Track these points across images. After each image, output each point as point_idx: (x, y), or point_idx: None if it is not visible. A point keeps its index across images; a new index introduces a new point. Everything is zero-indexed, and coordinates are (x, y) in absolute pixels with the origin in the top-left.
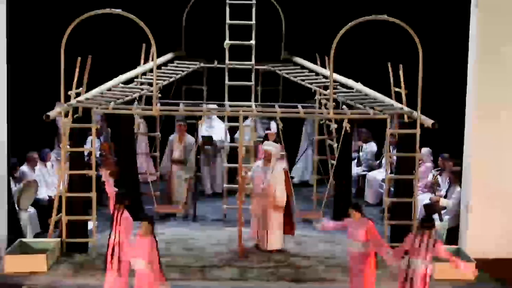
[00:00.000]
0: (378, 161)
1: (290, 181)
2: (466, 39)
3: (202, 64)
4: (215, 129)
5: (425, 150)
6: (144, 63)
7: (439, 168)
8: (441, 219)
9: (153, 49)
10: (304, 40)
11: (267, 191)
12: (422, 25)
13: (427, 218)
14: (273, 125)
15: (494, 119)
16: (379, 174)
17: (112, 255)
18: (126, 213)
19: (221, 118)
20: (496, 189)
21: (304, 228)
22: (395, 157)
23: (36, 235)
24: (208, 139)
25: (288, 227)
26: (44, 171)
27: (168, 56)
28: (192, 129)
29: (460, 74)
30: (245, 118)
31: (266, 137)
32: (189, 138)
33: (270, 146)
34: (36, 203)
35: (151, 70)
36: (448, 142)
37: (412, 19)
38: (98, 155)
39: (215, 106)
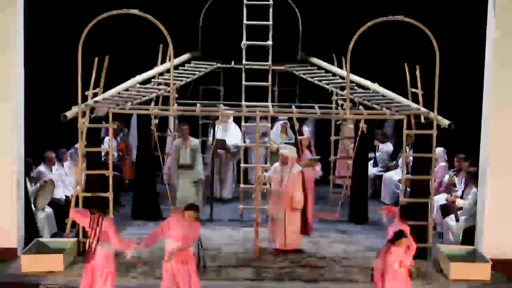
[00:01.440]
0: (394, 162)
1: (306, 183)
2: (483, 38)
3: (219, 65)
4: (229, 133)
5: (439, 150)
6: (161, 63)
7: (455, 169)
8: (457, 220)
9: (170, 49)
10: (321, 41)
11: (284, 193)
12: (438, 25)
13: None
14: (305, 129)
15: (511, 120)
16: (396, 174)
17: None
18: (106, 219)
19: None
20: None
21: (320, 229)
22: (411, 158)
23: (53, 235)
24: (221, 143)
25: (304, 227)
26: (61, 171)
27: (185, 56)
28: (206, 130)
29: (477, 74)
30: (264, 118)
31: (299, 142)
32: (194, 141)
33: (286, 150)
34: (53, 203)
35: (168, 71)
36: (464, 143)
37: (429, 19)
38: (115, 156)
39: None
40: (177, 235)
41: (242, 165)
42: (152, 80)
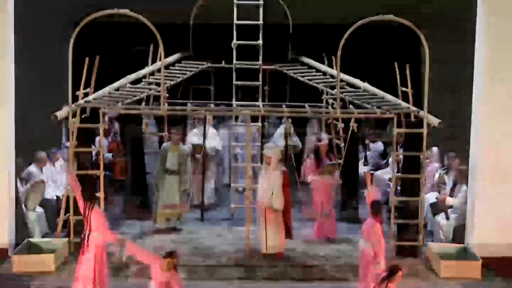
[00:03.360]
0: (384, 160)
1: (327, 190)
2: (473, 35)
3: (209, 64)
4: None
5: (435, 150)
6: (152, 63)
7: (445, 167)
8: (447, 218)
9: (161, 49)
10: (311, 40)
11: (264, 194)
12: (428, 23)
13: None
14: (323, 135)
15: (501, 117)
16: (386, 173)
17: (85, 243)
18: (96, 208)
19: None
20: (502, 188)
21: (311, 227)
22: (401, 156)
23: (44, 235)
24: (199, 148)
25: (286, 231)
26: (53, 171)
27: (176, 56)
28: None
29: (467, 72)
30: (258, 118)
31: (318, 149)
32: (183, 148)
33: (270, 150)
34: (44, 203)
35: (158, 70)
36: (454, 141)
37: (419, 18)
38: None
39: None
40: (160, 282)
41: (233, 164)
42: (143, 80)
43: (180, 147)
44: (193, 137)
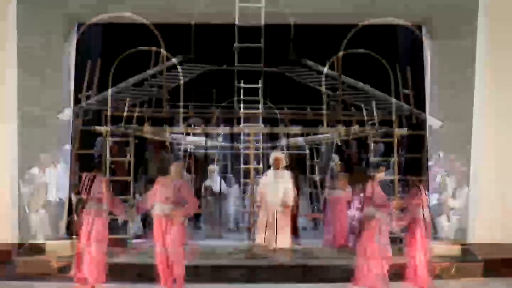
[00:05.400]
0: (386, 162)
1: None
2: (474, 38)
3: (211, 67)
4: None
5: (442, 154)
6: (154, 65)
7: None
8: (449, 219)
9: (163, 51)
10: (313, 42)
11: (276, 194)
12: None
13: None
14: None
15: (502, 120)
16: (388, 175)
17: None
18: None
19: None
20: (504, 189)
21: (313, 229)
22: (403, 158)
23: (47, 237)
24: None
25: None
26: (55, 173)
27: (178, 58)
28: None
29: (468, 74)
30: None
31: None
32: (163, 153)
33: (280, 153)
34: (47, 205)
35: (160, 73)
36: (455, 143)
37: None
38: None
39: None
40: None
41: (235, 166)
42: (145, 82)
43: (161, 155)
44: (192, 141)
